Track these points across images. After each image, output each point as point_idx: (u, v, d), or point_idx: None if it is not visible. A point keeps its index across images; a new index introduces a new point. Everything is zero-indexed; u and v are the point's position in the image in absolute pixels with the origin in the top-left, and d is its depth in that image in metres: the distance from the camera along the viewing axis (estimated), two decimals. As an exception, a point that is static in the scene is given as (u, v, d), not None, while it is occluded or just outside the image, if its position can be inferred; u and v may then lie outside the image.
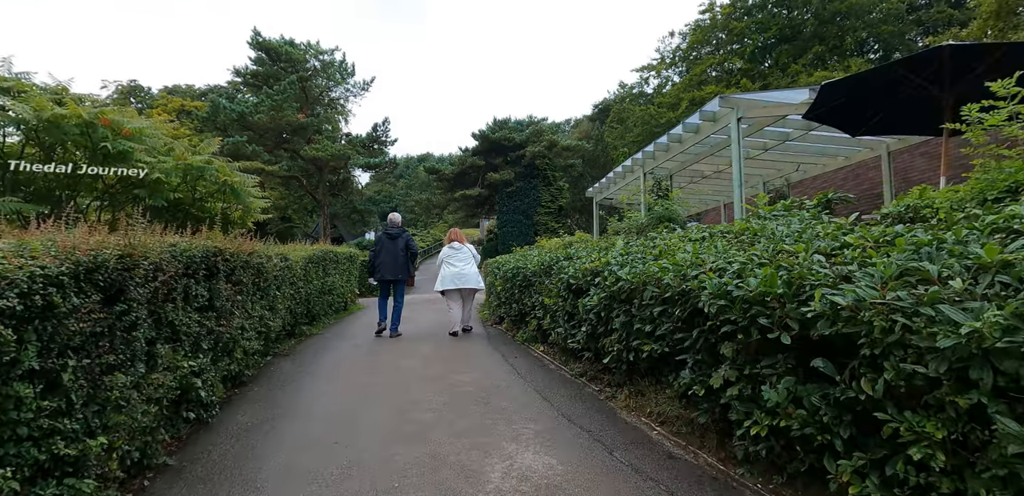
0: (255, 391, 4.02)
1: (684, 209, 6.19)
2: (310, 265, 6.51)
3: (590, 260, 4.41)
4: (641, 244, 4.50)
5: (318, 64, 23.08)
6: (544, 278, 5.28)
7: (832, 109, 5.83)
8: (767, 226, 3.44)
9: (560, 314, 4.72)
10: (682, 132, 11.24)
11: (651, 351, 3.15)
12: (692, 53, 39.21)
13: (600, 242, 6.12)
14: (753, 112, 8.36)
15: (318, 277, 6.94)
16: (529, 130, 27.82)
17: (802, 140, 10.43)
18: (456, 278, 6.44)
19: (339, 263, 8.27)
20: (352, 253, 9.53)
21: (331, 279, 7.69)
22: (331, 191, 24.25)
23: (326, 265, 7.43)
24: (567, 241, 7.49)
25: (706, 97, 34.22)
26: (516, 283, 6.21)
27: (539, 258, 5.79)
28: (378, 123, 24.14)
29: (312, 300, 6.72)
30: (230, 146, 17.68)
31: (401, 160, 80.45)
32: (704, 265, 2.86)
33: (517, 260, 6.58)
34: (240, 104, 18.97)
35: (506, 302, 6.88)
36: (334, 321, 7.94)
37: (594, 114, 51.31)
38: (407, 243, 6.53)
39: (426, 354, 5.42)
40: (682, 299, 2.80)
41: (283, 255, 5.02)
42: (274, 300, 4.72)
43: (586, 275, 4.14)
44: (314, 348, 5.82)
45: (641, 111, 36.80)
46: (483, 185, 27.78)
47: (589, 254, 4.92)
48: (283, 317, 5.42)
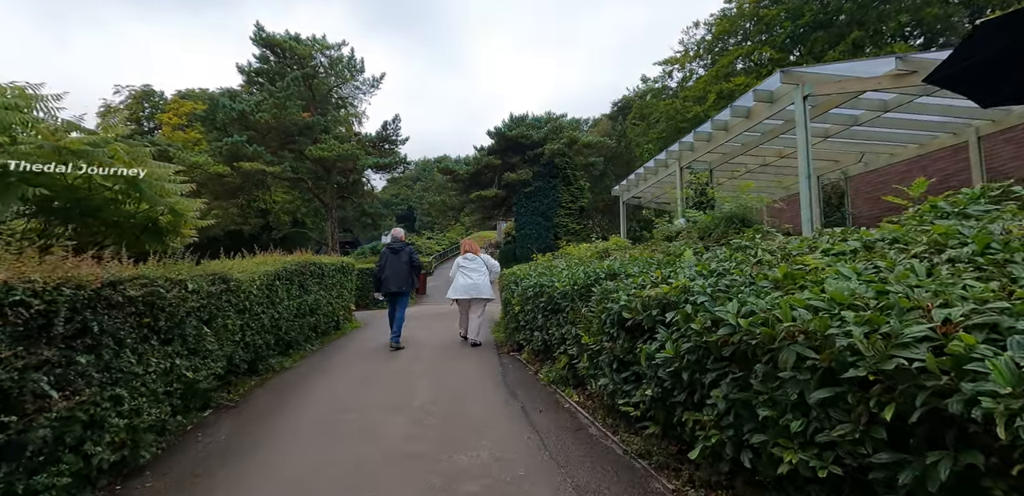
0: (145, 489, 2.64)
1: (758, 205, 4.67)
2: (278, 283, 5.16)
3: (651, 282, 2.95)
4: (730, 256, 3.03)
5: (325, 60, 21.91)
6: (578, 302, 3.83)
7: (969, 67, 4.26)
8: (987, 230, 1.95)
9: (605, 359, 3.27)
10: (729, 117, 9.68)
11: (798, 464, 1.69)
12: (718, 44, 37.23)
13: (648, 251, 4.65)
14: (823, 88, 6.79)
15: (292, 296, 5.59)
16: (548, 127, 26.33)
17: (871, 124, 8.79)
18: (468, 289, 6.56)
19: (325, 277, 6.92)
20: (345, 263, 8.17)
21: (313, 297, 6.34)
22: (340, 194, 23.10)
23: (305, 281, 6.08)
24: (600, 248, 6.04)
25: (735, 89, 32.31)
26: (539, 306, 4.77)
27: (570, 273, 4.34)
28: (388, 121, 22.90)
29: (283, 325, 5.38)
30: (229, 146, 16.59)
31: (417, 163, 79.87)
32: (927, 311, 1.41)
33: (540, 274, 5.13)
34: (241, 102, 17.89)
35: (526, 327, 5.44)
36: (318, 347, 6.59)
37: (613, 112, 49.66)
38: (410, 257, 6.62)
39: (421, 404, 4.00)
40: (889, 384, 1.36)
41: (218, 276, 3.67)
42: (200, 340, 3.36)
43: (649, 307, 2.68)
44: (274, 393, 4.46)
45: (666, 106, 34.98)
46: (500, 185, 26.37)
47: (644, 271, 3.46)
48: (228, 355, 4.07)
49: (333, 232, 21.94)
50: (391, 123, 22.91)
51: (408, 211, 63.72)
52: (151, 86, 39.62)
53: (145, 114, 39.47)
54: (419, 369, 5.29)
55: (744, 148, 11.07)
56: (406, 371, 5.18)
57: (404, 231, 7.12)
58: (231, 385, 4.43)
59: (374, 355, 6.04)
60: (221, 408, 3.99)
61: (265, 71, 20.71)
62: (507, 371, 5.20)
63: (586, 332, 3.50)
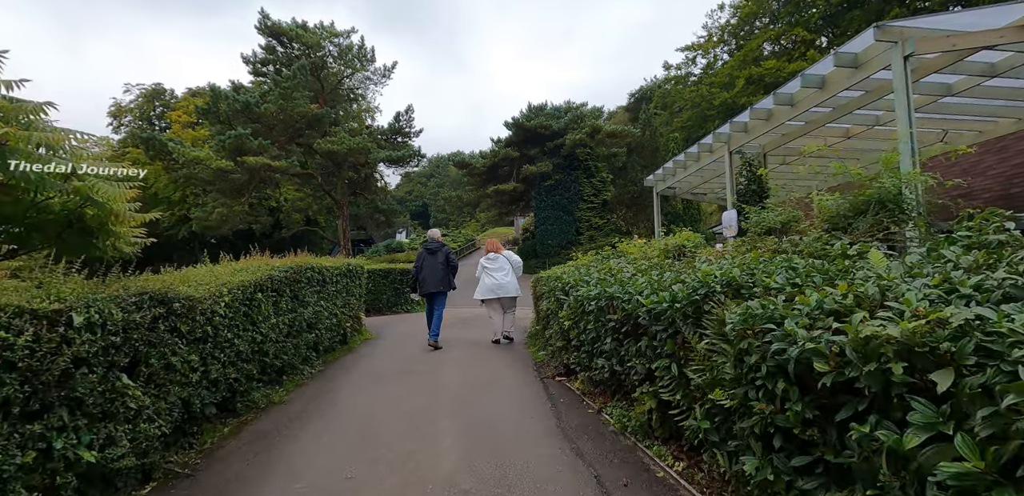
0: None
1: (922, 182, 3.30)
2: (261, 296, 3.98)
3: (841, 305, 1.70)
4: (986, 261, 1.75)
5: (334, 49, 20.74)
6: (686, 327, 2.58)
7: None
8: None
9: (754, 427, 2.01)
10: (796, 89, 8.33)
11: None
12: (744, 27, 35.39)
13: (752, 251, 3.36)
14: (928, 45, 5.44)
15: (281, 311, 4.42)
16: (568, 116, 24.94)
17: (970, 94, 7.37)
18: (495, 288, 6.49)
19: (328, 283, 5.74)
20: (352, 265, 6.97)
21: (312, 309, 5.17)
22: (352, 190, 21.99)
23: (299, 290, 4.89)
24: (670, 244, 4.73)
25: (765, 73, 30.57)
26: (606, 324, 3.51)
27: (650, 281, 3.08)
28: (400, 112, 21.64)
29: (271, 349, 4.21)
30: (232, 140, 15.52)
31: (431, 160, 78.97)
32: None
33: (602, 281, 3.86)
34: (245, 93, 16.82)
35: (580, 348, 4.18)
36: (320, 369, 5.42)
37: (630, 103, 48.15)
38: (447, 257, 6.55)
39: (449, 474, 2.79)
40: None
41: (149, 296, 2.49)
42: (110, 399, 2.19)
43: (873, 358, 1.42)
44: (250, 447, 3.28)
45: (691, 93, 33.29)
46: (518, 179, 25.10)
47: (794, 282, 2.19)
48: (184, 400, 2.91)
49: (345, 230, 20.82)
50: (403, 114, 21.69)
51: (422, 208, 62.88)
52: (162, 85, 38.92)
53: (156, 113, 38.90)
54: (445, 403, 4.08)
55: (807, 128, 9.66)
56: (427, 409, 3.98)
57: (440, 231, 7.12)
58: (193, 436, 3.27)
59: (387, 381, 4.85)
60: (170, 479, 2.82)
61: (271, 61, 19.59)
62: (559, 407, 3.97)
63: (709, 378, 2.25)
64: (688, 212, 24.72)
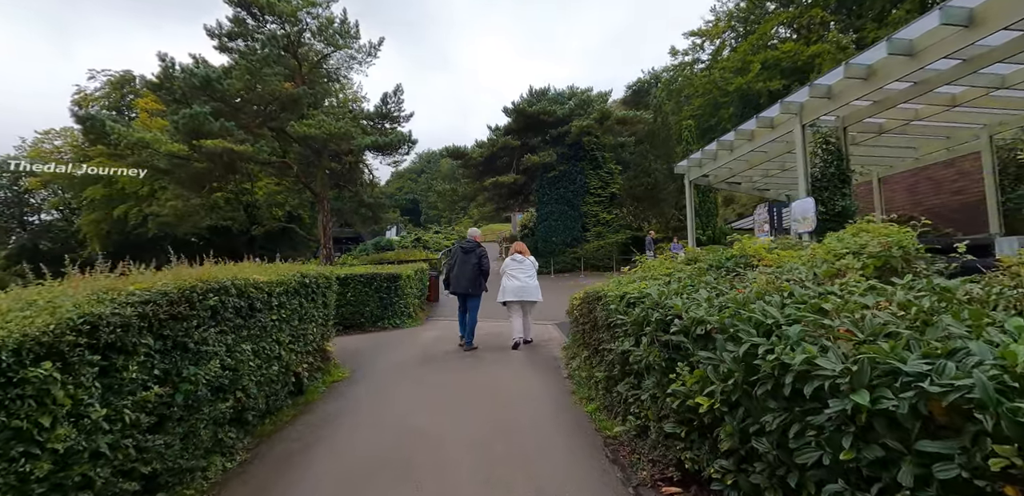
0: None
1: None
2: (57, 375, 1.76)
3: None
4: None
5: (313, 22, 18.30)
6: None
7: None
8: None
9: None
10: (921, 33, 6.36)
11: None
12: (755, 10, 33.31)
13: None
14: None
15: (123, 392, 2.19)
16: (573, 102, 22.70)
17: None
18: (519, 291, 6.41)
19: (260, 312, 3.50)
20: (312, 278, 4.68)
21: (214, 365, 2.90)
22: (335, 182, 19.61)
23: (187, 335, 2.63)
24: (855, 244, 2.59)
25: (783, 57, 28.54)
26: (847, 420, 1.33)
27: None
28: (388, 93, 19.16)
29: (78, 479, 1.97)
30: (187, 120, 13.05)
31: (421, 155, 76.07)
32: None
33: (727, 300, 1.68)
34: (206, 68, 14.37)
35: (741, 448, 1.99)
36: (239, 463, 3.19)
37: (627, 96, 45.84)
38: (479, 260, 6.47)
39: None
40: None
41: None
42: None
43: None
44: None
45: (702, 78, 31.18)
46: (518, 170, 22.81)
47: None
48: None
49: (326, 227, 18.35)
50: (392, 96, 19.24)
51: (412, 204, 60.31)
52: (131, 72, 35.95)
53: (126, 103, 36.08)
54: None
55: (910, 93, 7.58)
56: None
57: (479, 231, 7.07)
58: None
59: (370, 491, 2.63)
60: None
61: (240, 34, 17.02)
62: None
63: None
64: (704, 205, 22.65)
